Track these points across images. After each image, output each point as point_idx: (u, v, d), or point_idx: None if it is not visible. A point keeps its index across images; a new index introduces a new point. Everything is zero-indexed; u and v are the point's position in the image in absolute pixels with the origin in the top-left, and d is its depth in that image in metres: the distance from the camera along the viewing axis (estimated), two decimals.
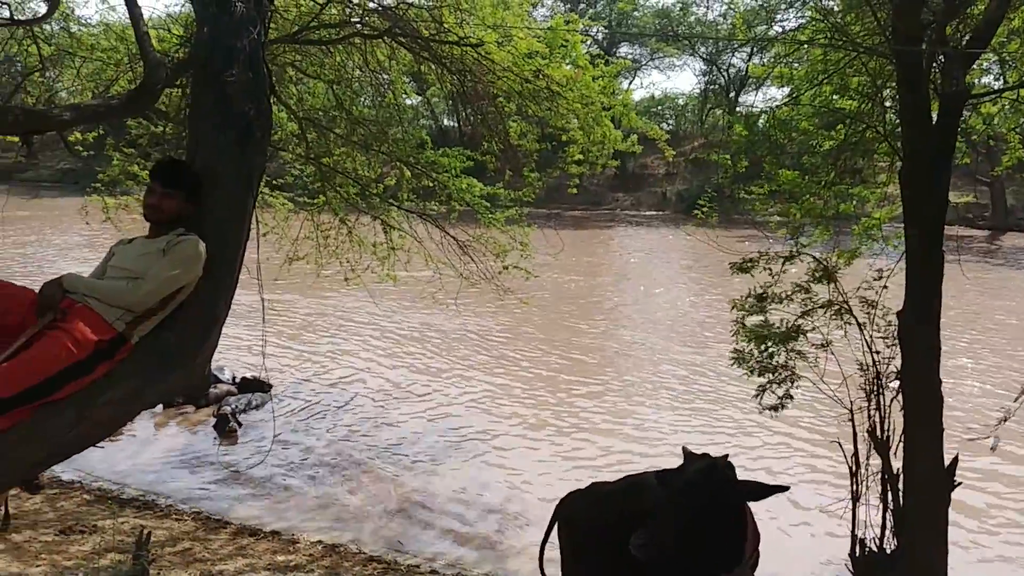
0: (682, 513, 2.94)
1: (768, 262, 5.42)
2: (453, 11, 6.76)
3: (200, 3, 3.31)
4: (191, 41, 7.30)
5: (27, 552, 5.76)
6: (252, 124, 3.23)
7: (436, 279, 8.73)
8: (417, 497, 7.41)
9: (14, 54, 9.96)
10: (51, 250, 20.49)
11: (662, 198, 34.15)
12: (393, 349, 12.31)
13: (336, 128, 8.45)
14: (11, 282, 2.87)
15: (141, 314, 2.93)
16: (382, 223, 9.01)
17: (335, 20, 7.06)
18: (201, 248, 3.05)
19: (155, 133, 9.15)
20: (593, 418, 9.49)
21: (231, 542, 6.42)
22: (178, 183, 3.14)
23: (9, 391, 2.55)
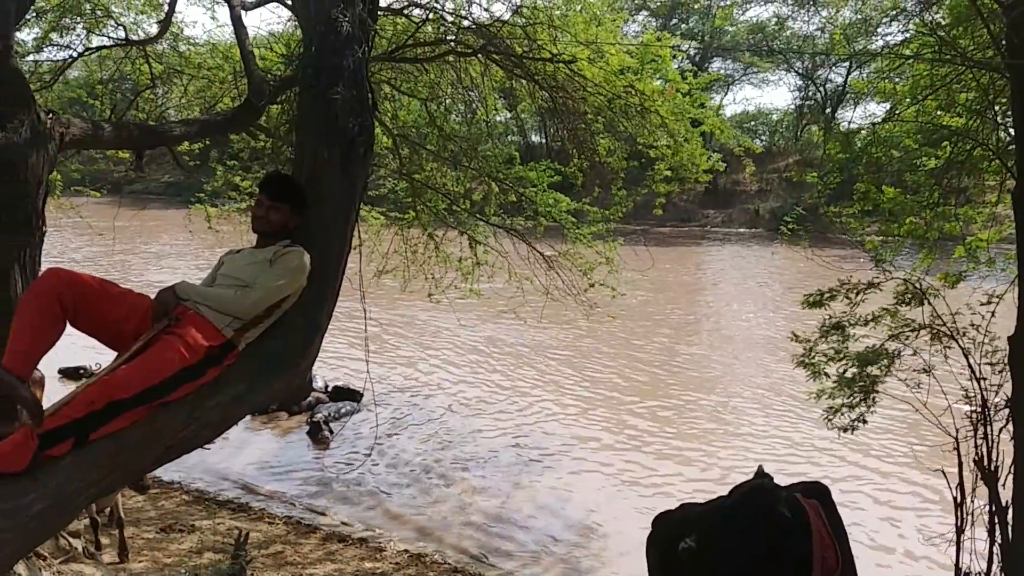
0: (722, 533, 2.85)
1: (849, 292, 5.23)
2: (546, 28, 6.82)
3: (308, 23, 3.44)
4: (292, 59, 7.62)
5: (131, 548, 6.01)
6: (356, 140, 3.33)
7: (519, 294, 8.76)
8: (501, 509, 7.44)
9: (127, 73, 10.52)
10: (140, 258, 21.47)
11: (754, 215, 33.38)
12: (476, 362, 12.42)
13: (428, 144, 8.62)
14: (129, 289, 3.02)
15: (248, 321, 3.05)
16: (469, 238, 9.13)
17: (430, 39, 7.22)
18: (306, 259, 3.16)
19: (256, 148, 9.52)
20: (679, 436, 9.37)
21: (320, 547, 6.57)
22: (284, 196, 3.26)
23: (128, 392, 2.68)
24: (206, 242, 19.55)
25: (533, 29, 6.66)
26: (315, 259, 3.21)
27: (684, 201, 32.94)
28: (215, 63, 9.46)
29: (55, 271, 2.81)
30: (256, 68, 7.08)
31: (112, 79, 11.01)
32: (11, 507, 2.39)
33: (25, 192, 5.30)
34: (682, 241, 28.93)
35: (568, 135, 7.41)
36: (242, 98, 8.35)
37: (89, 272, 2.97)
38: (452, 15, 6.96)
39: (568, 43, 6.97)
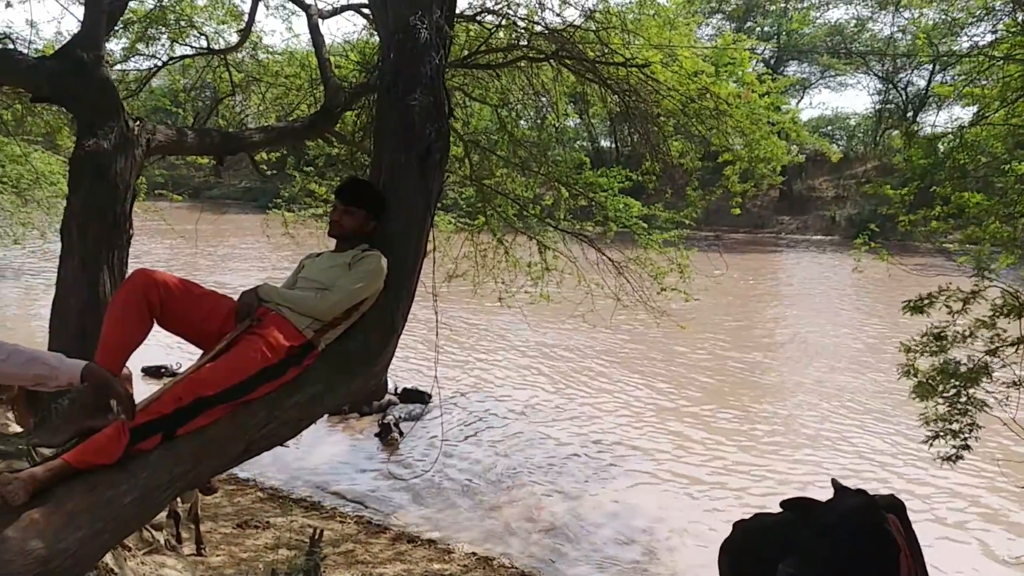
0: (825, 554, 2.76)
1: (949, 298, 5.03)
2: (619, 32, 6.80)
3: (386, 30, 3.50)
4: (368, 67, 7.77)
5: (208, 542, 6.19)
6: (432, 146, 3.38)
7: (589, 300, 8.73)
8: (567, 516, 7.42)
9: (208, 81, 10.87)
10: (207, 260, 22.06)
11: (831, 222, 32.49)
12: (545, 367, 12.41)
13: (498, 150, 8.67)
14: (213, 291, 3.12)
15: (328, 323, 3.12)
16: (538, 243, 9.14)
17: (502, 44, 7.27)
18: (383, 263, 3.22)
19: (331, 154, 9.72)
20: (747, 446, 9.20)
21: (390, 547, 6.66)
22: (359, 201, 3.32)
23: (212, 390, 2.77)
24: (269, 246, 20.08)
25: (606, 33, 6.63)
26: (391, 263, 3.26)
27: (758, 207, 32.28)
28: (292, 71, 9.70)
29: (143, 272, 2.92)
30: (332, 75, 7.25)
31: (194, 87, 11.39)
32: (107, 498, 2.50)
33: (114, 195, 5.54)
34: (755, 248, 28.37)
35: (640, 139, 7.35)
36: (318, 105, 8.57)
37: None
38: (524, 21, 6.99)
39: (641, 47, 6.94)
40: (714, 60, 7.20)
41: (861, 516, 2.82)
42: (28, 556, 2.32)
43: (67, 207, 5.66)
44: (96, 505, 2.50)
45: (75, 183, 5.51)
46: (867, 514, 2.83)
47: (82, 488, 2.51)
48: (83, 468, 2.52)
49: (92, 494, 2.51)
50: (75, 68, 5.63)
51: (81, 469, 2.52)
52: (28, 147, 12.18)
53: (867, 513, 2.83)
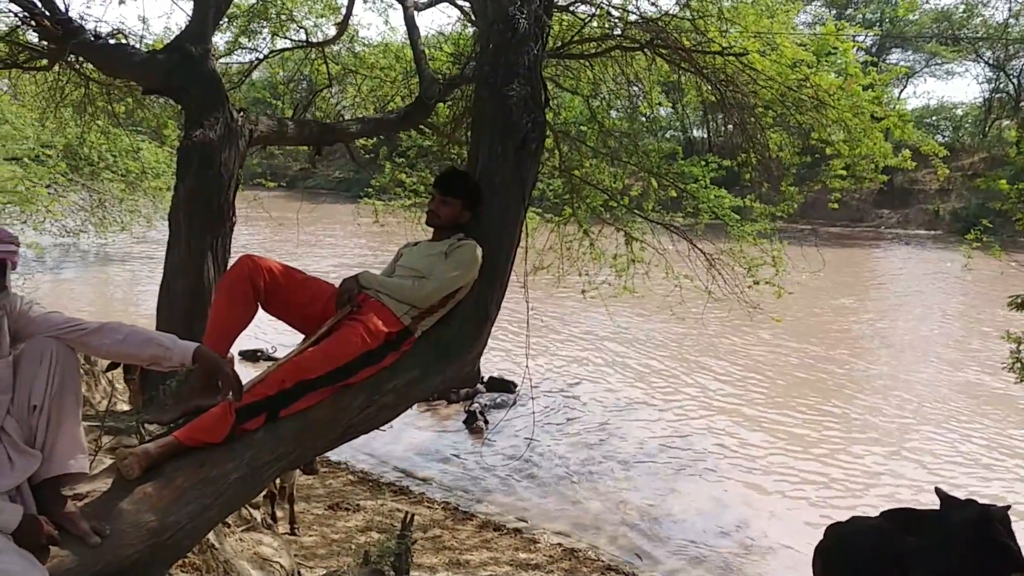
0: (944, 567, 2.65)
1: None
2: (715, 21, 6.66)
3: (486, 22, 3.51)
4: (461, 58, 7.82)
5: (301, 522, 6.38)
6: (528, 136, 3.38)
7: (677, 293, 8.60)
8: (655, 510, 7.35)
9: (305, 74, 11.14)
10: (305, 247, 22.59)
11: (934, 216, 31.06)
12: (632, 360, 12.31)
13: (587, 140, 8.62)
14: (316, 277, 3.20)
15: (424, 310, 3.16)
16: (625, 234, 9.06)
17: (596, 35, 7.21)
18: (478, 252, 3.24)
19: (422, 145, 9.84)
20: (841, 445, 8.92)
21: (476, 534, 6.72)
22: (455, 191, 3.35)
23: (314, 373, 2.84)
24: (361, 234, 20.48)
25: (702, 22, 6.50)
26: (486, 252, 3.28)
27: (856, 200, 31.07)
28: (387, 63, 9.85)
29: (249, 257, 3.02)
30: (427, 67, 7.33)
31: (292, 79, 11.71)
32: (214, 475, 2.60)
33: (219, 184, 5.75)
34: (854, 242, 27.38)
35: (736, 129, 7.19)
36: (412, 97, 8.69)
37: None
38: (619, 10, 6.92)
39: (738, 35, 6.78)
40: (814, 49, 6.96)
41: (978, 530, 2.70)
42: (141, 528, 2.43)
43: (175, 195, 5.91)
44: (204, 481, 2.60)
45: (183, 172, 5.74)
46: (984, 527, 2.71)
47: (191, 465, 2.62)
48: (192, 445, 2.63)
49: (200, 471, 2.62)
50: (184, 62, 5.86)
51: (190, 446, 2.63)
52: (138, 139, 12.74)
53: (984, 527, 2.71)
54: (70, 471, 2.32)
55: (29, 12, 6.62)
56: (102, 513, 2.39)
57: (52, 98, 9.57)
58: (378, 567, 3.83)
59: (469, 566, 6.06)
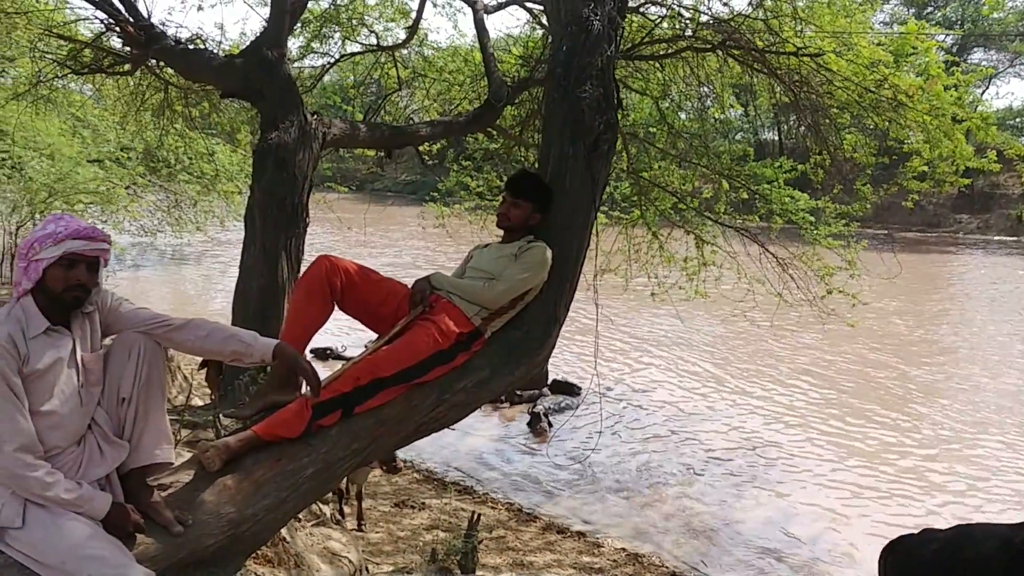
0: None
1: None
2: (790, 21, 6.53)
3: (559, 23, 3.52)
4: (530, 61, 7.84)
5: (368, 519, 6.47)
6: (600, 138, 3.38)
7: (748, 297, 8.45)
8: (720, 518, 7.23)
9: (375, 78, 11.31)
10: (373, 248, 22.88)
11: (1016, 222, 29.81)
12: (699, 366, 12.14)
13: (657, 142, 8.55)
14: (390, 277, 3.25)
15: (494, 311, 3.19)
16: (695, 237, 8.95)
17: (666, 35, 7.15)
18: (548, 254, 3.25)
19: (489, 148, 9.90)
20: (915, 456, 8.64)
21: (540, 536, 6.72)
22: (526, 193, 3.37)
23: (388, 371, 2.89)
24: (427, 237, 20.65)
25: (776, 22, 6.39)
26: (556, 254, 3.30)
27: (933, 204, 30.06)
28: (455, 66, 9.94)
29: (326, 258, 3.09)
30: (496, 70, 7.38)
31: (362, 83, 11.91)
32: (291, 469, 2.66)
33: (293, 186, 5.90)
34: (930, 248, 26.46)
35: (810, 131, 7.04)
36: (480, 100, 8.75)
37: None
38: (690, 11, 6.85)
39: (813, 35, 6.64)
40: (893, 49, 6.77)
41: None
42: (221, 519, 2.50)
43: (250, 196, 6.09)
44: (281, 475, 2.67)
45: (258, 174, 5.91)
46: None
47: (269, 459, 2.69)
48: (270, 440, 2.70)
49: (277, 465, 2.69)
50: (261, 66, 6.04)
51: (268, 441, 2.70)
52: (212, 142, 13.11)
53: None
54: (156, 462, 2.40)
55: (114, 19, 6.89)
56: (184, 503, 2.48)
57: (133, 102, 9.92)
58: (445, 565, 3.86)
59: (533, 567, 6.06)
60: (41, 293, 2.20)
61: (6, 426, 2.09)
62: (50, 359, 2.19)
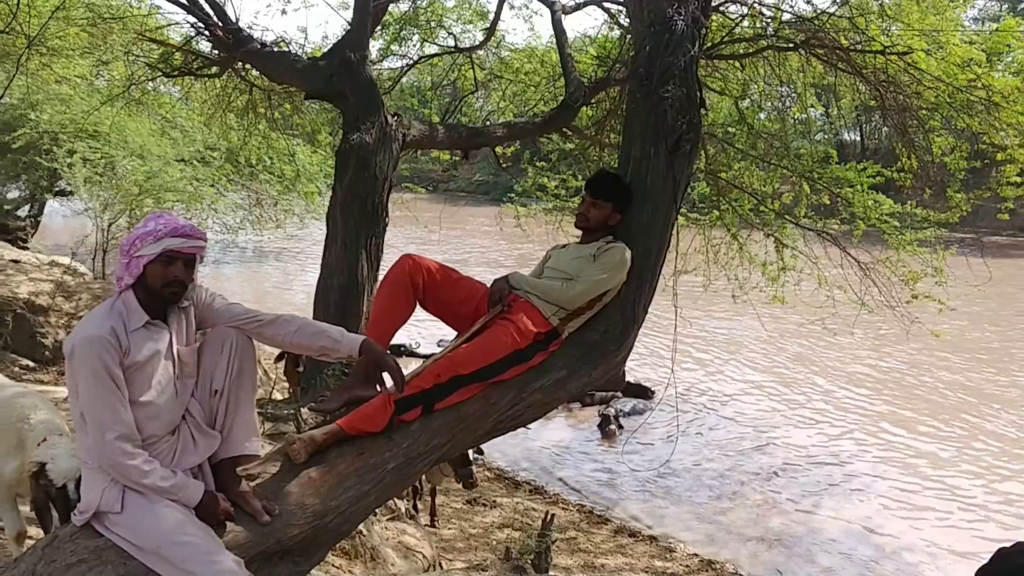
0: None
1: None
2: (876, 19, 6.35)
3: (642, 23, 3.50)
4: (606, 61, 7.81)
5: (441, 515, 6.54)
6: (683, 138, 3.34)
7: (829, 303, 8.23)
8: (799, 528, 7.07)
9: (452, 79, 11.43)
10: (448, 248, 23.03)
11: None
12: (777, 372, 11.89)
13: (736, 142, 8.42)
14: (469, 277, 3.29)
15: (572, 312, 3.19)
16: (775, 240, 8.77)
17: (747, 34, 7.03)
18: (627, 255, 3.24)
19: (564, 149, 9.89)
20: (1007, 469, 8.28)
21: (611, 539, 6.68)
22: (606, 194, 3.36)
23: (467, 369, 2.93)
24: (502, 237, 20.73)
25: (862, 20, 6.21)
26: (635, 255, 3.28)
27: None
28: (532, 67, 9.96)
29: (409, 257, 3.14)
30: (573, 70, 7.37)
31: (439, 85, 12.05)
32: (373, 463, 2.72)
33: (374, 186, 6.01)
34: (1022, 254, 25.29)
35: (896, 132, 6.83)
36: (556, 101, 8.75)
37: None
38: (772, 9, 6.72)
39: (901, 33, 6.44)
40: (986, 47, 6.51)
41: None
42: (306, 510, 2.57)
43: (332, 195, 6.22)
44: (363, 469, 2.73)
45: (340, 174, 6.04)
46: None
47: (352, 452, 2.75)
48: (353, 434, 2.76)
49: (360, 458, 2.74)
50: (344, 67, 6.17)
51: (351, 435, 2.76)
52: (293, 143, 13.44)
53: None
54: (245, 452, 2.48)
55: (204, 23, 7.14)
56: (271, 494, 2.55)
57: (219, 104, 10.25)
58: (519, 563, 3.88)
59: (604, 570, 6.03)
60: (141, 288, 2.30)
61: (108, 415, 2.19)
62: (149, 352, 2.28)
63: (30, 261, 11.12)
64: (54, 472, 2.88)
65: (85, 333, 2.20)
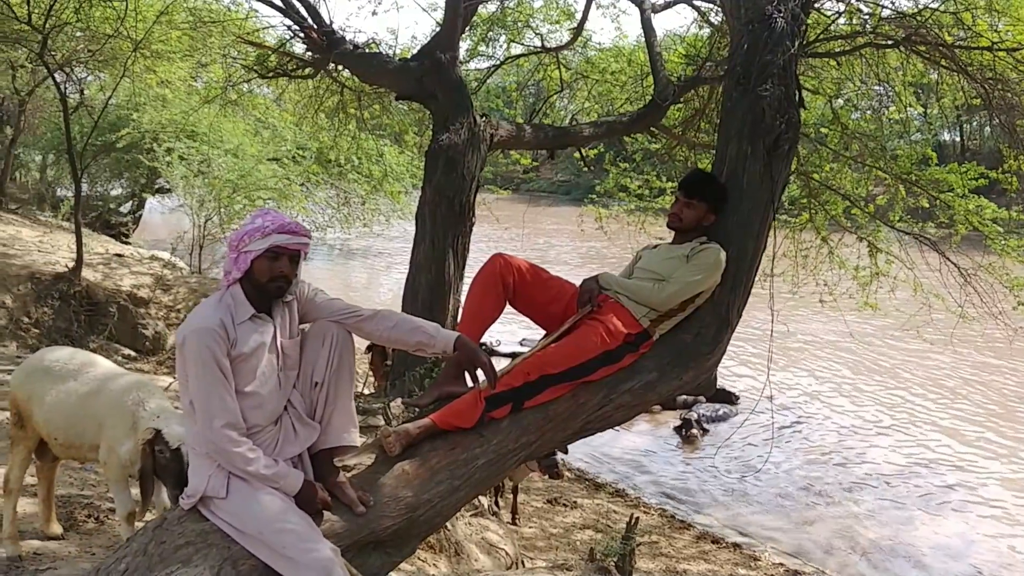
0: None
1: None
2: (983, 13, 6.09)
3: (740, 20, 3.44)
4: (695, 60, 7.71)
5: (521, 513, 6.56)
6: (781, 137, 3.27)
7: (925, 311, 7.92)
8: (889, 541, 6.84)
9: (538, 79, 11.45)
10: (531, 248, 23.05)
11: None
12: (866, 380, 11.51)
13: (829, 142, 8.19)
14: (559, 276, 3.28)
15: (663, 313, 3.15)
16: (868, 244, 8.50)
17: (843, 31, 6.84)
18: (722, 256, 3.18)
19: (650, 148, 9.80)
20: None
21: (694, 544, 6.59)
22: (702, 194, 3.30)
23: (556, 368, 2.93)
24: (583, 237, 20.65)
25: (968, 15, 5.97)
26: (730, 256, 3.22)
27: None
28: (618, 67, 9.91)
29: (501, 256, 3.16)
30: (663, 69, 7.30)
31: (524, 85, 12.09)
32: (464, 458, 2.75)
33: (462, 186, 6.08)
34: None
35: (1003, 132, 6.53)
36: (643, 100, 8.68)
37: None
38: (870, 5, 6.51)
39: (1009, 28, 6.16)
40: None
41: None
42: (400, 502, 2.61)
43: (421, 195, 6.33)
44: (455, 464, 2.76)
45: (430, 173, 6.14)
46: None
47: (444, 447, 2.78)
48: (445, 428, 2.80)
49: (451, 453, 2.78)
50: (435, 68, 6.26)
51: (443, 430, 2.80)
52: (380, 144, 13.68)
53: None
54: (343, 444, 2.54)
55: (300, 26, 7.34)
56: (366, 485, 2.60)
57: (310, 104, 10.52)
58: (604, 565, 3.86)
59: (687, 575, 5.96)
60: (248, 282, 2.38)
61: (216, 404, 2.27)
62: (254, 344, 2.35)
63: (132, 255, 11.64)
64: (170, 435, 3.01)
65: (195, 325, 2.29)
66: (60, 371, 3.41)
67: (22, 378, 3.48)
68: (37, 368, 3.46)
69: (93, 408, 3.28)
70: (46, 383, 3.37)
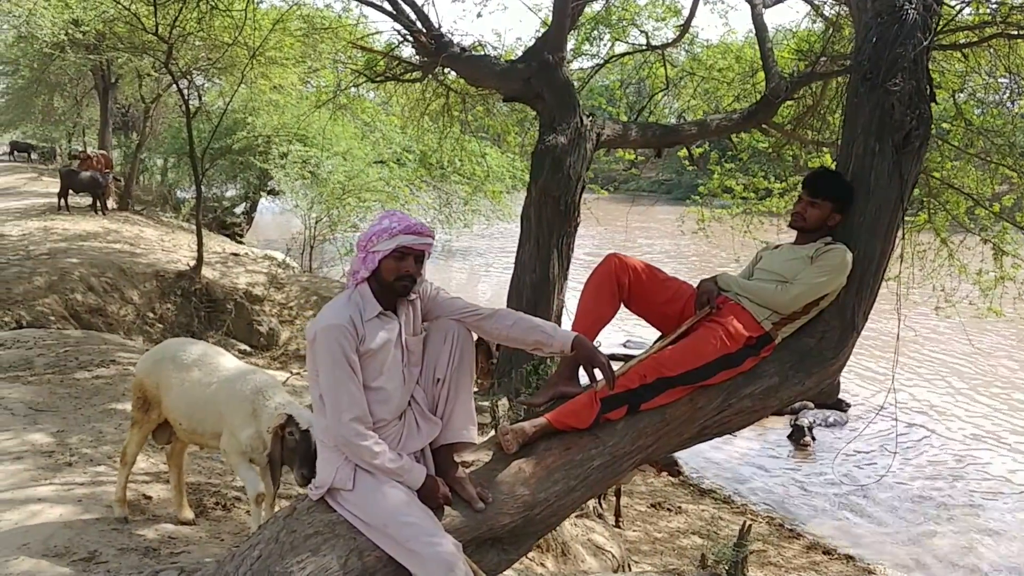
0: None
1: None
2: None
3: (866, 13, 3.30)
4: (810, 55, 7.47)
5: (624, 516, 6.50)
6: (911, 133, 3.13)
7: None
8: (1016, 561, 6.46)
9: (642, 77, 11.31)
10: (609, 246, 22.69)
11: None
12: (987, 390, 10.91)
13: (951, 139, 7.82)
14: (676, 277, 3.23)
15: (786, 316, 3.06)
16: (994, 247, 8.07)
17: (969, 22, 6.52)
18: (848, 258, 3.06)
19: (757, 147, 9.55)
20: None
21: (803, 554, 6.39)
22: (827, 193, 3.18)
23: (673, 371, 2.88)
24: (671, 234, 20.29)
25: None
26: (856, 257, 3.10)
27: None
28: (726, 63, 9.70)
29: (616, 256, 3.12)
30: (774, 65, 7.11)
31: (628, 83, 11.97)
32: (579, 459, 2.74)
33: (567, 186, 6.07)
34: None
35: None
36: (751, 97, 8.47)
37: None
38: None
39: None
40: None
41: None
42: (517, 500, 2.62)
43: (527, 195, 6.35)
44: (570, 464, 2.75)
45: (536, 173, 6.15)
46: None
47: (559, 447, 2.78)
48: (560, 428, 2.79)
49: (567, 454, 2.77)
50: (542, 69, 6.27)
51: (558, 429, 2.80)
52: (483, 145, 13.81)
53: None
54: (463, 439, 2.57)
55: (409, 30, 7.48)
56: (485, 481, 2.63)
57: (417, 107, 10.71)
58: (715, 572, 3.79)
59: None
60: (375, 281, 2.43)
61: (345, 398, 2.34)
62: (381, 340, 2.41)
63: (247, 255, 12.13)
64: (300, 417, 3.16)
65: (326, 321, 2.37)
66: (186, 361, 3.60)
67: (150, 366, 3.69)
68: (165, 357, 3.66)
69: (215, 397, 3.46)
70: (172, 372, 3.57)
